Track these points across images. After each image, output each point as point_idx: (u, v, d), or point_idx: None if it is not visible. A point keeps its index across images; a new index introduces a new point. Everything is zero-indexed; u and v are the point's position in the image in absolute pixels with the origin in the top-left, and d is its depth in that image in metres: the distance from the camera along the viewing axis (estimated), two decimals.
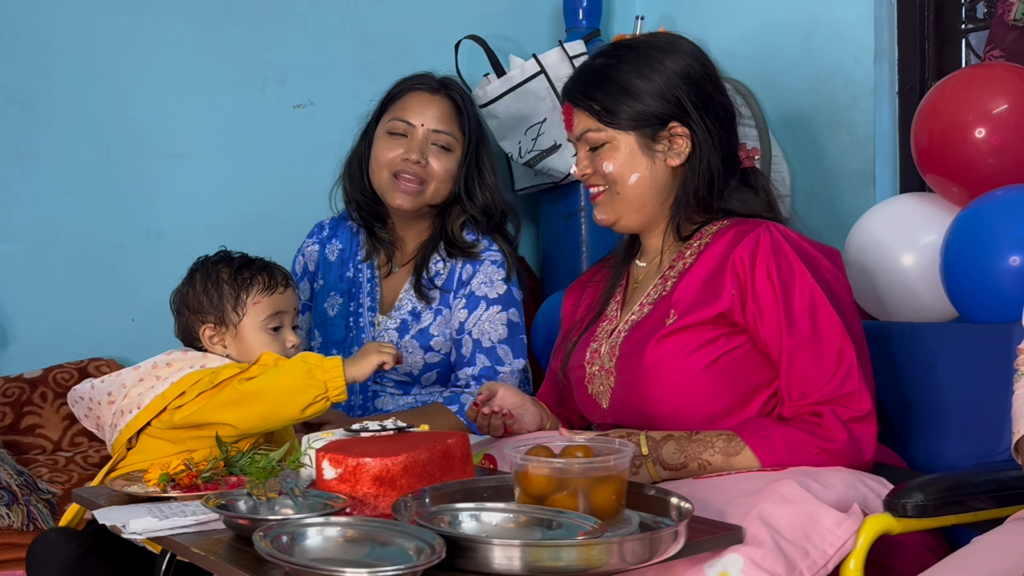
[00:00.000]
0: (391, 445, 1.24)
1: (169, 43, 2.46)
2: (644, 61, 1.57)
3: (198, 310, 1.65)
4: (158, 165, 2.47)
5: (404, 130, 2.02)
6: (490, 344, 1.99)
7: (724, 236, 1.55)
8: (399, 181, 2.01)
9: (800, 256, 1.47)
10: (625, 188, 1.58)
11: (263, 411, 1.48)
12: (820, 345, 1.43)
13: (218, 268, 1.67)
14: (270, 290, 1.64)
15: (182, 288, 1.70)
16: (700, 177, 1.57)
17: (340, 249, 2.15)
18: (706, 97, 1.59)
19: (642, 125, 1.56)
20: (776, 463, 1.38)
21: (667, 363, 1.49)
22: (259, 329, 1.63)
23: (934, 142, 1.76)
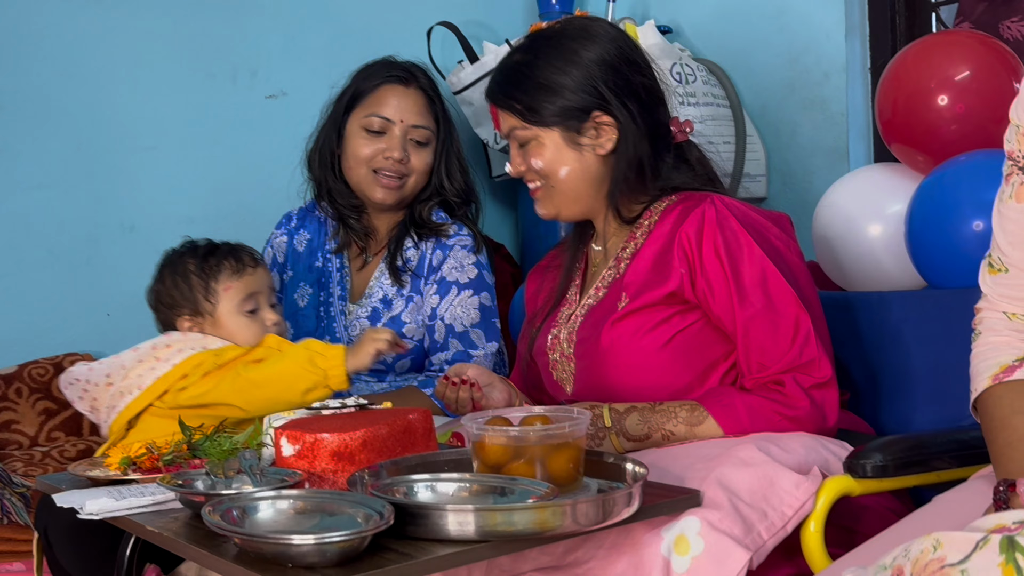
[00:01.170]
0: (350, 421, 1.23)
1: (139, 36, 2.46)
2: (560, 54, 1.55)
3: (172, 304, 1.66)
4: (130, 158, 2.46)
5: (382, 126, 2.01)
6: (463, 328, 1.99)
7: (671, 213, 1.54)
8: (380, 177, 2.00)
9: (746, 227, 1.46)
10: (558, 182, 1.58)
11: (267, 395, 1.50)
12: (775, 316, 1.42)
13: (184, 260, 1.67)
14: (239, 273, 1.64)
15: (154, 285, 1.71)
16: (629, 163, 1.56)
17: (308, 239, 2.14)
18: (625, 81, 1.56)
19: (565, 120, 1.55)
20: (739, 431, 1.38)
21: (622, 346, 1.49)
22: (235, 313, 1.63)
23: (898, 111, 1.76)
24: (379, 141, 2.00)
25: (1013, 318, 1.20)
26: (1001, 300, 1.21)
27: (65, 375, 1.64)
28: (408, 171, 2.00)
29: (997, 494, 1.00)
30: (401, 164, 1.99)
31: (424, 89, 2.05)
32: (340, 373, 1.50)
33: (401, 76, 2.05)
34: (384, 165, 1.99)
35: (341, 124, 2.06)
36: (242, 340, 1.63)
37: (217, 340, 1.62)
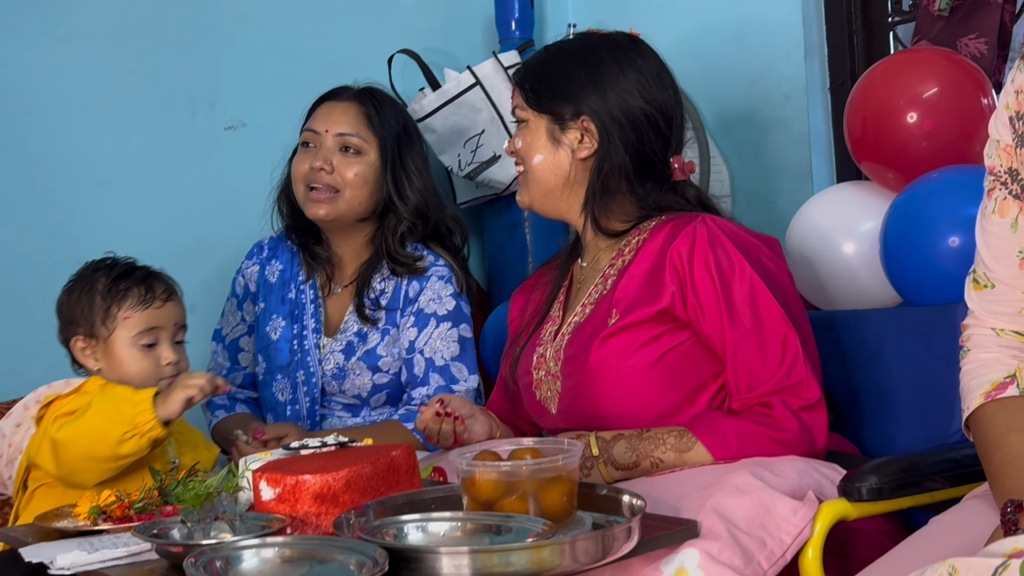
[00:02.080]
0: (332, 461, 1.19)
1: (92, 68, 2.40)
2: (582, 58, 1.59)
3: (70, 319, 1.60)
4: (86, 194, 2.39)
5: (311, 139, 2.00)
6: (443, 362, 1.94)
7: (661, 231, 1.53)
8: (311, 192, 1.97)
9: (738, 246, 1.46)
10: (531, 169, 1.61)
11: (79, 454, 1.42)
12: (763, 336, 1.41)
13: (96, 276, 1.62)
14: (145, 304, 1.58)
15: (60, 296, 1.65)
16: (603, 175, 1.57)
17: (280, 270, 2.09)
18: (628, 103, 1.57)
19: (554, 111, 1.58)
20: (729, 456, 1.36)
21: (612, 363, 1.47)
22: (130, 344, 1.57)
23: (867, 130, 1.76)
24: (310, 155, 1.98)
25: (1002, 334, 1.19)
26: (988, 316, 1.20)
27: None
28: (338, 183, 1.95)
29: (1005, 515, 0.98)
30: (325, 174, 1.94)
31: (361, 102, 2.02)
32: (150, 419, 1.42)
33: (341, 94, 2.04)
34: (312, 177, 1.96)
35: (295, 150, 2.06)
36: (131, 373, 1.57)
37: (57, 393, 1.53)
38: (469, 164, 2.73)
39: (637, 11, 2.95)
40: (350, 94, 2.05)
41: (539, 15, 2.99)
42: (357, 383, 1.95)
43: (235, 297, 2.14)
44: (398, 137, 2.02)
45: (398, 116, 2.06)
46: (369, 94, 2.05)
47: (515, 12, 2.91)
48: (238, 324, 2.12)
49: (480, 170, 2.72)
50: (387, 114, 2.03)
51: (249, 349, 2.11)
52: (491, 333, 2.52)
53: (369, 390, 1.95)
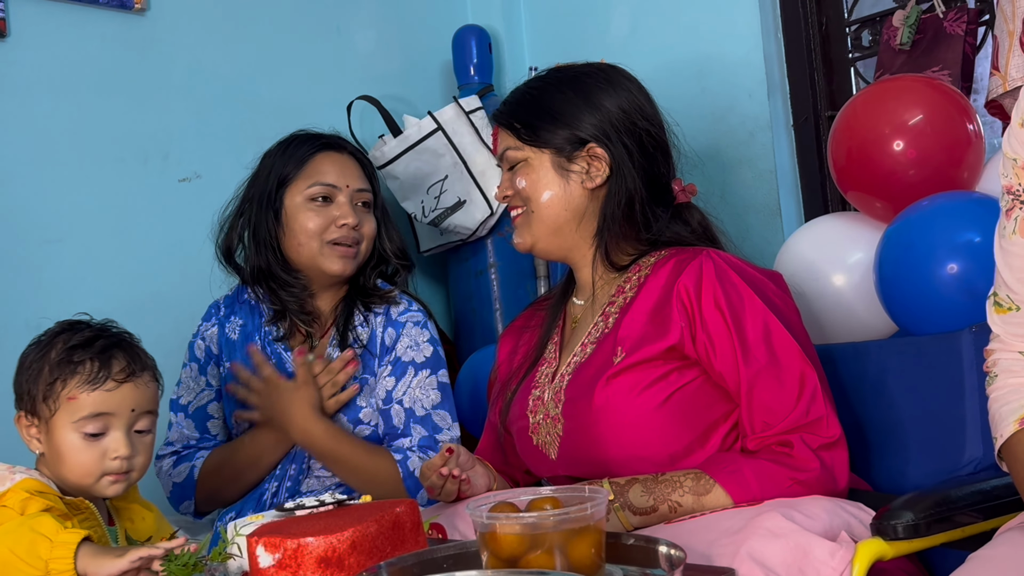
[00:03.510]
0: (334, 520, 1.10)
1: (39, 120, 2.29)
2: (571, 84, 1.54)
3: (16, 390, 1.36)
4: (35, 252, 2.27)
5: (328, 194, 1.90)
6: (424, 412, 1.85)
7: (664, 266, 1.48)
8: (336, 248, 1.88)
9: (747, 281, 1.41)
10: (539, 207, 1.54)
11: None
12: (780, 372, 1.36)
13: (54, 342, 1.36)
14: (93, 384, 1.31)
15: (20, 356, 1.41)
16: (619, 203, 1.52)
17: (241, 324, 1.99)
18: (630, 124, 1.55)
19: (558, 143, 1.53)
20: (749, 498, 1.29)
21: (618, 404, 1.40)
22: (71, 431, 1.31)
23: (852, 159, 1.74)
24: (328, 210, 1.89)
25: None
26: (1015, 339, 1.16)
27: None
28: (361, 237, 1.90)
29: None
30: (355, 230, 1.88)
31: (355, 154, 1.98)
32: (67, 567, 1.14)
33: (332, 143, 1.97)
34: (339, 234, 1.88)
35: (276, 204, 1.93)
36: (69, 464, 1.32)
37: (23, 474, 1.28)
38: (433, 210, 2.67)
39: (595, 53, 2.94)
40: (347, 146, 1.99)
41: (497, 60, 2.97)
42: None
43: (195, 362, 2.02)
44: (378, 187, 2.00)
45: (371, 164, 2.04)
46: (352, 145, 2.02)
47: (474, 57, 2.89)
48: (203, 390, 2.00)
49: (444, 216, 2.67)
50: (370, 164, 2.01)
51: (218, 415, 2.00)
52: (465, 383, 2.44)
53: None
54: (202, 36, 2.54)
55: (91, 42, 2.37)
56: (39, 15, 2.30)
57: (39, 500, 1.27)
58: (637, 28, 2.81)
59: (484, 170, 2.68)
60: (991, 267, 1.34)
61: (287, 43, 2.69)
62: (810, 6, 2.61)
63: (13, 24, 2.26)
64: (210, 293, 2.27)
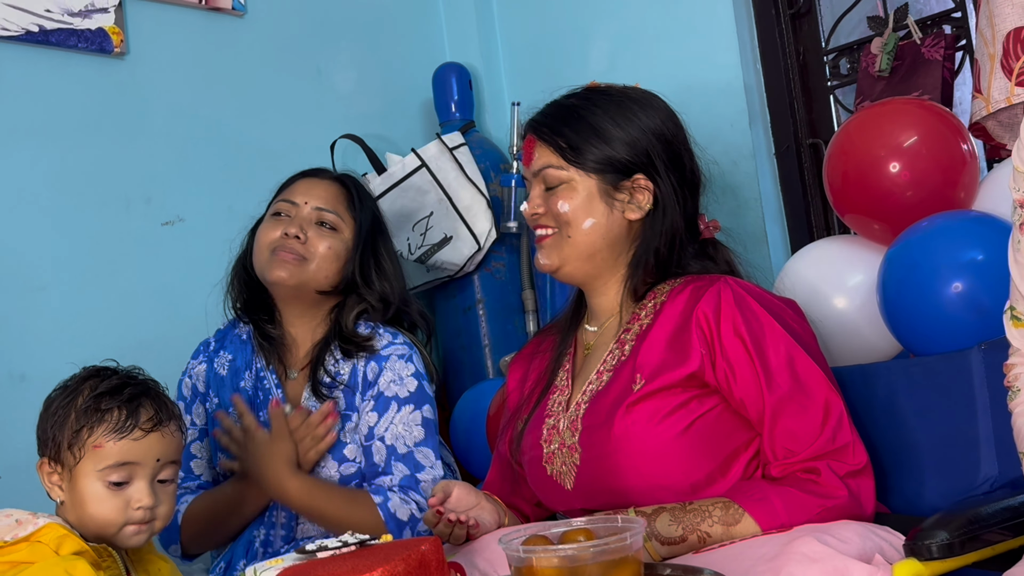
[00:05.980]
0: (360, 562, 1.07)
1: (18, 167, 2.26)
2: (618, 109, 1.51)
3: (40, 436, 1.34)
4: (16, 301, 2.23)
5: (287, 210, 1.91)
6: (406, 449, 1.80)
7: (681, 293, 1.47)
8: (276, 254, 1.86)
9: (765, 308, 1.40)
10: (577, 232, 1.50)
11: None
12: (804, 399, 1.35)
13: (81, 388, 1.35)
14: (120, 432, 1.30)
15: (45, 401, 1.39)
16: (662, 235, 1.51)
17: (230, 359, 1.96)
18: (676, 156, 1.54)
19: (606, 170, 1.50)
20: (777, 526, 1.28)
21: (638, 432, 1.38)
22: (95, 479, 1.29)
23: (849, 183, 1.74)
24: (283, 223, 1.89)
25: None
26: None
27: None
28: (307, 253, 1.86)
29: None
30: (298, 242, 1.85)
31: (341, 183, 1.96)
32: None
33: (315, 170, 1.99)
34: (282, 243, 1.86)
35: (256, 227, 1.97)
36: (92, 513, 1.30)
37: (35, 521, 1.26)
38: (419, 247, 2.66)
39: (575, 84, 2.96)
40: (330, 174, 1.99)
41: (477, 96, 2.97)
42: (323, 475, 1.81)
43: (181, 401, 1.99)
44: (372, 223, 1.96)
45: (374, 204, 2.01)
46: (349, 178, 2.00)
47: (454, 94, 2.89)
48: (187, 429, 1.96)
49: (431, 252, 2.65)
50: (365, 199, 1.97)
51: (202, 455, 1.96)
52: (461, 420, 2.41)
53: (336, 482, 1.81)
54: (181, 79, 2.52)
55: (70, 87, 2.35)
56: (17, 60, 2.27)
57: (74, 539, 1.25)
58: (616, 61, 2.83)
59: (470, 205, 2.67)
60: (996, 284, 1.35)
61: (268, 85, 2.68)
62: (787, 36, 2.64)
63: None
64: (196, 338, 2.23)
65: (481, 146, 2.82)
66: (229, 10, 2.60)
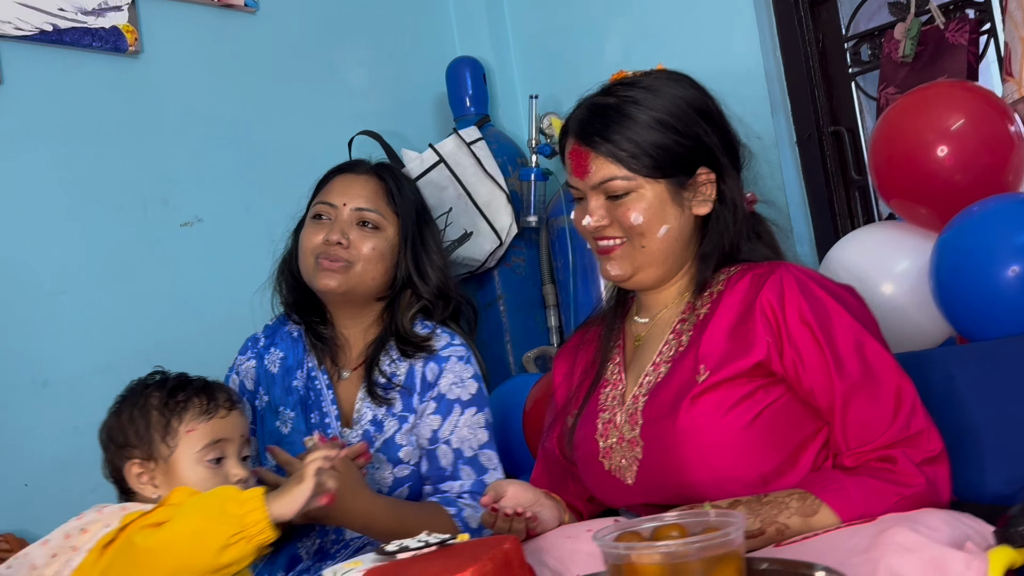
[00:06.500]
0: (449, 561, 1.03)
1: (33, 168, 2.21)
2: (657, 97, 1.45)
3: (123, 443, 1.40)
4: (36, 306, 2.18)
5: (326, 212, 1.86)
6: (472, 453, 1.78)
7: (740, 281, 1.43)
8: (321, 262, 1.82)
9: (829, 294, 1.38)
10: (652, 241, 1.45)
11: (171, 565, 1.20)
12: (875, 386, 1.32)
13: (148, 392, 1.43)
14: (208, 414, 1.40)
15: (108, 419, 1.45)
16: (732, 224, 1.47)
17: (282, 357, 1.91)
18: (726, 140, 1.50)
19: (672, 172, 1.44)
20: (855, 516, 1.25)
21: (704, 424, 1.35)
22: (195, 462, 1.38)
23: (895, 167, 1.72)
24: (324, 228, 1.85)
25: None
26: None
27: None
28: (352, 257, 1.82)
29: None
30: (341, 248, 1.81)
31: (379, 177, 1.91)
32: (261, 519, 1.21)
33: (351, 165, 1.94)
34: (325, 250, 1.82)
35: (299, 228, 1.92)
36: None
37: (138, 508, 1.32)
38: None
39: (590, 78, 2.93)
40: (367, 168, 1.94)
41: (489, 90, 2.94)
42: (377, 477, 1.77)
43: None
44: (417, 214, 1.91)
45: (415, 193, 1.95)
46: (386, 169, 1.94)
47: (469, 89, 2.86)
48: None
49: (452, 248, 2.62)
50: (405, 190, 1.92)
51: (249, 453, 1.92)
52: None
53: (390, 484, 1.77)
54: (195, 78, 2.48)
55: (85, 87, 2.30)
56: (32, 60, 2.22)
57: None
58: (631, 51, 2.80)
59: (489, 201, 2.64)
60: None
61: (281, 83, 2.64)
62: (806, 23, 2.62)
63: (6, 69, 2.18)
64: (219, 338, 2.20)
65: (497, 140, 2.79)
66: (242, 7, 2.56)
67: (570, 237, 2.64)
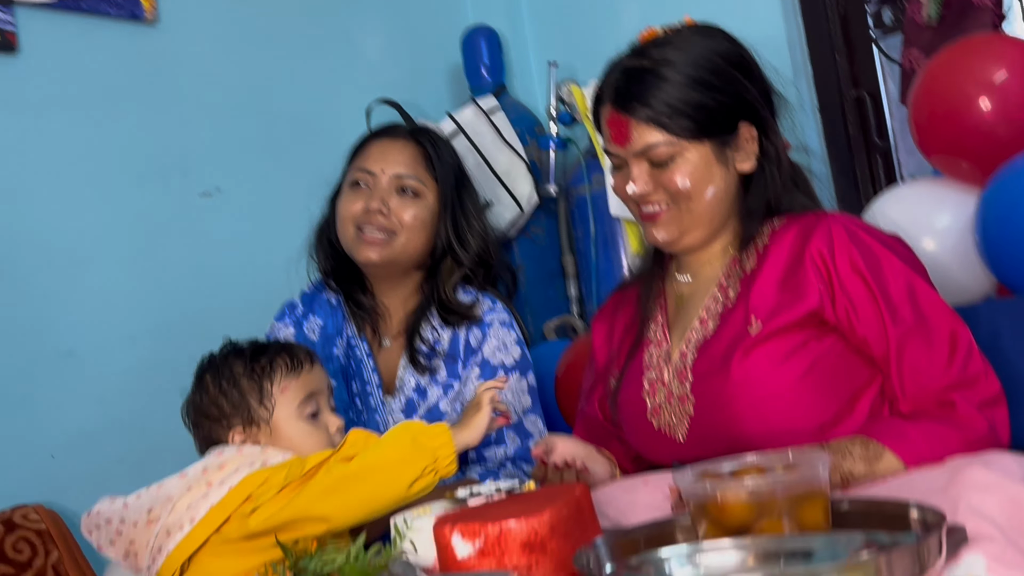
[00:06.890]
0: (522, 506, 1.02)
1: (55, 137, 2.18)
2: (699, 61, 1.42)
3: (219, 416, 1.42)
4: (61, 275, 2.15)
5: (365, 180, 1.83)
6: (516, 418, 1.76)
7: (787, 233, 1.42)
8: (363, 233, 1.80)
9: (879, 242, 1.37)
10: (699, 204, 1.43)
11: (364, 494, 1.24)
12: (929, 331, 1.31)
13: (229, 363, 1.45)
14: (295, 371, 1.43)
15: (193, 396, 1.46)
16: (779, 176, 1.45)
17: (321, 325, 1.89)
18: (764, 88, 1.48)
19: (715, 131, 1.42)
20: (919, 462, 1.24)
21: (758, 376, 1.33)
22: (295, 418, 1.41)
23: (936, 121, 1.71)
24: (363, 196, 1.82)
25: None
26: None
27: (89, 517, 1.36)
28: (394, 226, 1.79)
29: None
30: (382, 216, 1.78)
31: (417, 141, 1.87)
32: (450, 452, 1.25)
33: (394, 132, 1.90)
34: (366, 219, 1.79)
35: (335, 195, 1.89)
36: (304, 450, 1.39)
37: (278, 453, 1.37)
38: None
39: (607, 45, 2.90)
40: (404, 132, 1.90)
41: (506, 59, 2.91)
42: None
43: None
44: (456, 178, 1.88)
45: (453, 156, 1.92)
46: (424, 133, 1.91)
47: (485, 58, 2.83)
48: None
49: None
50: (444, 154, 1.88)
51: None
52: None
53: None
54: (213, 46, 2.45)
55: (102, 55, 2.27)
56: (49, 28, 2.19)
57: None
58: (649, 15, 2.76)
59: (508, 170, 2.62)
60: None
61: (297, 52, 2.61)
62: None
63: (23, 38, 2.15)
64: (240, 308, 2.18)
65: (514, 110, 2.77)
66: None
67: (591, 206, 2.62)
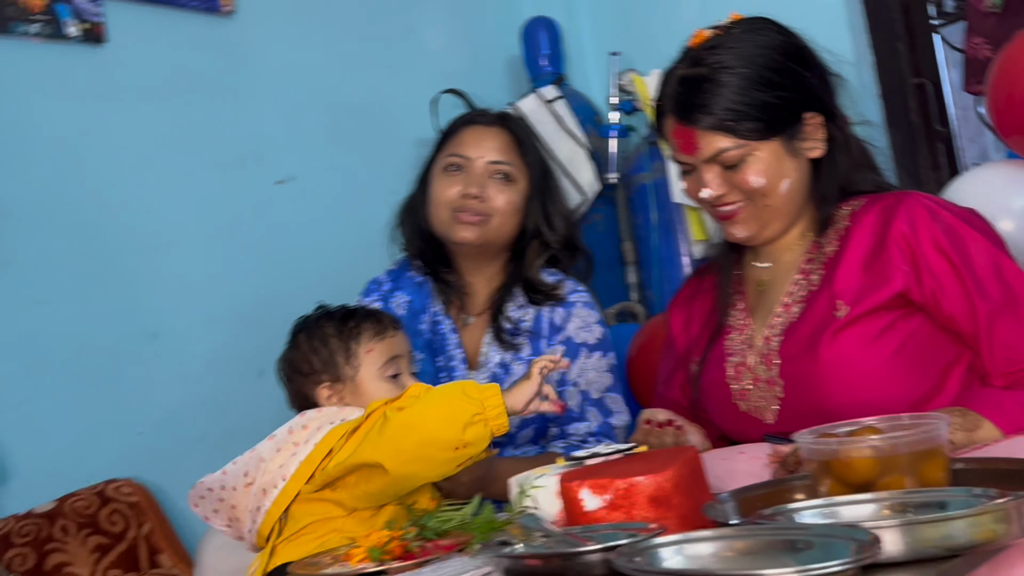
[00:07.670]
0: (645, 464, 1.07)
1: (139, 126, 2.24)
2: (755, 60, 1.43)
3: (310, 372, 1.53)
4: (144, 260, 2.22)
5: (461, 164, 1.87)
6: (599, 395, 1.80)
7: (867, 215, 1.45)
8: (459, 215, 1.84)
9: (960, 219, 1.40)
10: (775, 198, 1.46)
11: (418, 439, 1.30)
12: (1017, 305, 1.34)
13: (321, 324, 1.57)
14: (380, 335, 1.54)
15: (287, 353, 1.58)
16: (850, 159, 1.48)
17: (407, 301, 1.94)
18: (821, 71, 1.50)
19: (781, 128, 1.43)
20: (1018, 430, 1.27)
21: (849, 357, 1.36)
22: (378, 378, 1.51)
23: (1015, 103, 1.74)
24: (458, 181, 1.86)
25: None
26: None
27: (194, 491, 1.42)
28: (489, 210, 1.84)
29: None
30: (480, 201, 1.83)
31: (510, 129, 1.92)
32: (498, 404, 1.30)
33: (486, 118, 1.94)
34: (463, 204, 1.84)
35: (426, 175, 1.93)
36: None
37: (355, 410, 1.44)
38: None
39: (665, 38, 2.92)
40: (493, 119, 1.95)
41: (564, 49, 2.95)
42: None
43: None
44: (542, 163, 1.93)
45: (539, 143, 1.97)
46: (513, 120, 1.97)
47: (545, 48, 2.87)
48: None
49: None
50: (532, 140, 1.94)
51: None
52: None
53: (517, 426, 1.81)
54: (285, 38, 2.51)
55: (184, 46, 2.33)
56: (134, 20, 2.25)
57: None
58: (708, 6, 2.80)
59: (570, 158, 2.67)
60: None
61: (364, 44, 2.67)
62: None
63: (111, 29, 2.21)
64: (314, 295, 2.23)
65: (574, 99, 2.81)
66: None
67: (651, 194, 2.66)
